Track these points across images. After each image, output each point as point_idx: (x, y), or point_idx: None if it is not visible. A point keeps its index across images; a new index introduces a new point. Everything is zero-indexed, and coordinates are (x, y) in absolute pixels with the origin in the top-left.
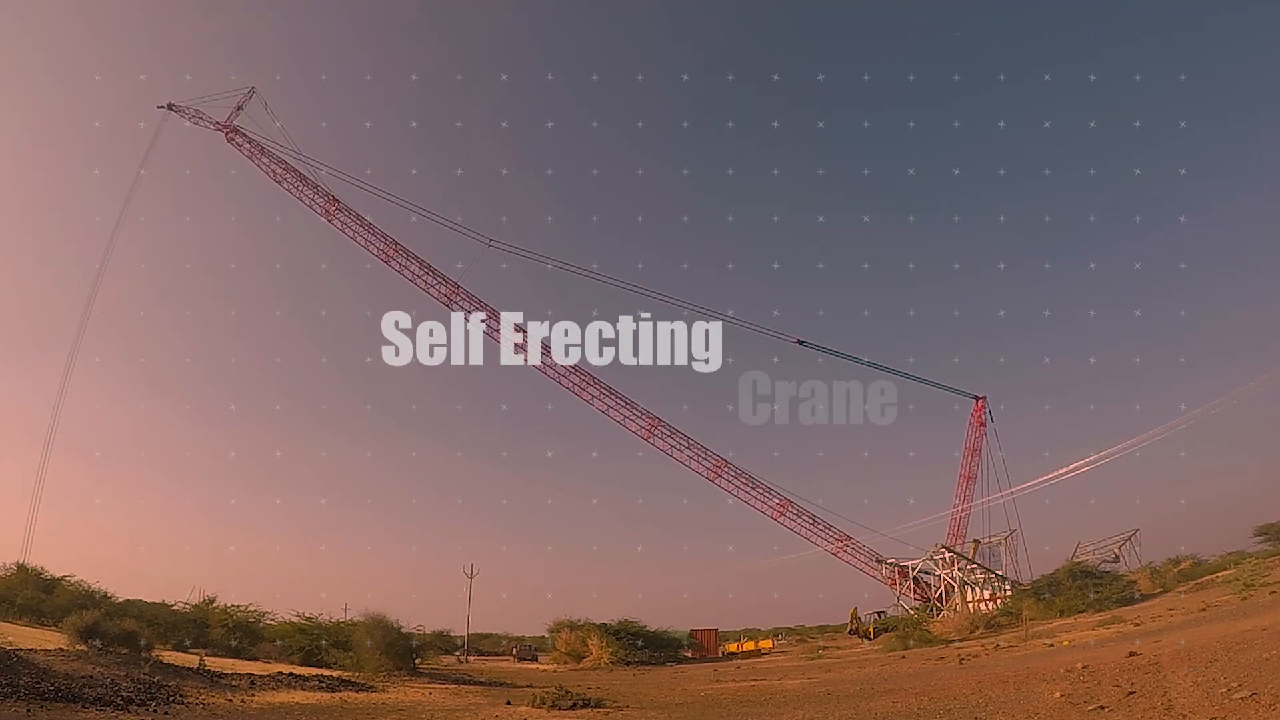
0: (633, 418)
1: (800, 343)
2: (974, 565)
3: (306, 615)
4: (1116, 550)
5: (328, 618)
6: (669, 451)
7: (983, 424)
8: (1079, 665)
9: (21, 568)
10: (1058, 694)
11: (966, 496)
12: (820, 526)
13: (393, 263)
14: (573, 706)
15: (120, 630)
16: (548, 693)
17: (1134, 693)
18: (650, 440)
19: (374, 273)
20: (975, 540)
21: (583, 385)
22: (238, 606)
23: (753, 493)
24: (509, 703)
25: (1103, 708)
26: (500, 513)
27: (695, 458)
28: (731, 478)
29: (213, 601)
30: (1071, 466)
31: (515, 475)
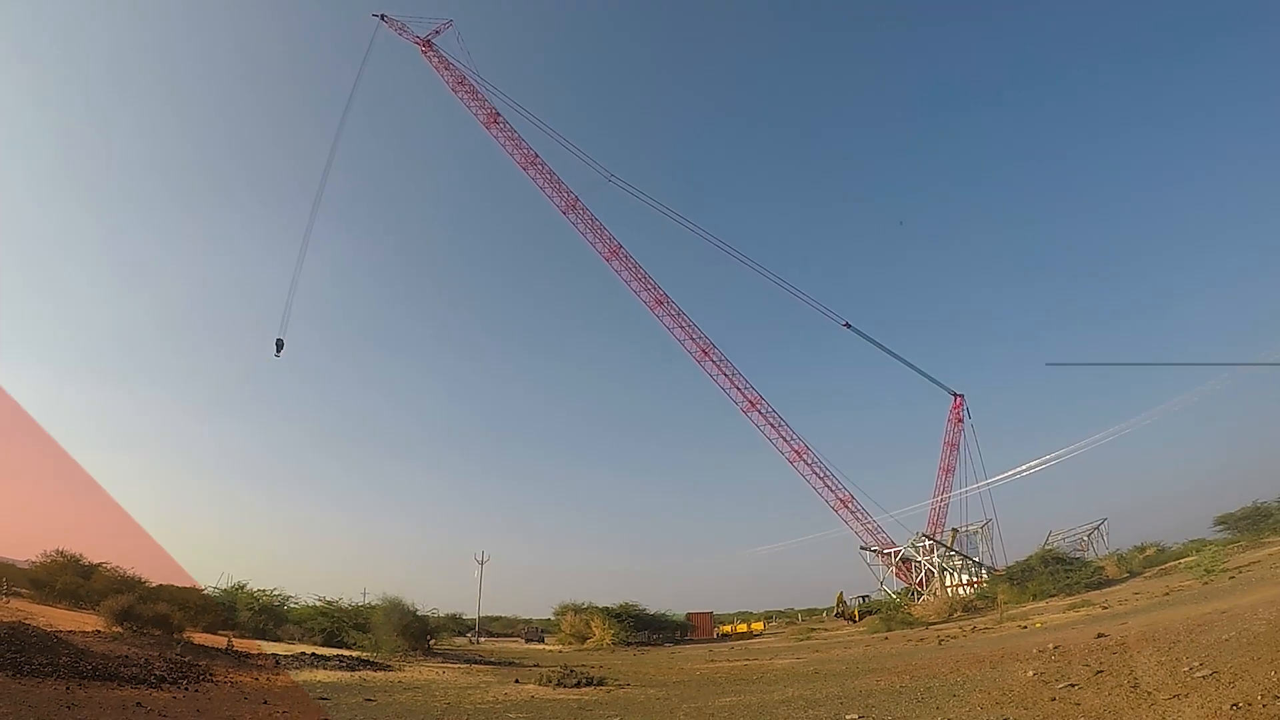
0: (690, 339)
1: (848, 325)
2: (952, 552)
3: (328, 599)
4: (1086, 538)
5: (348, 601)
6: (715, 377)
7: (961, 420)
8: (1050, 646)
9: (61, 554)
10: (1030, 673)
11: (945, 488)
12: (830, 482)
13: (529, 170)
14: (577, 684)
15: (153, 613)
16: (554, 672)
17: (1102, 671)
18: (702, 363)
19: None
20: (954, 529)
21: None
22: (263, 591)
23: (778, 432)
24: (518, 681)
25: (1073, 685)
26: (497, 518)
27: (737, 387)
28: (764, 413)
29: (242, 586)
30: (1044, 459)
31: (516, 484)
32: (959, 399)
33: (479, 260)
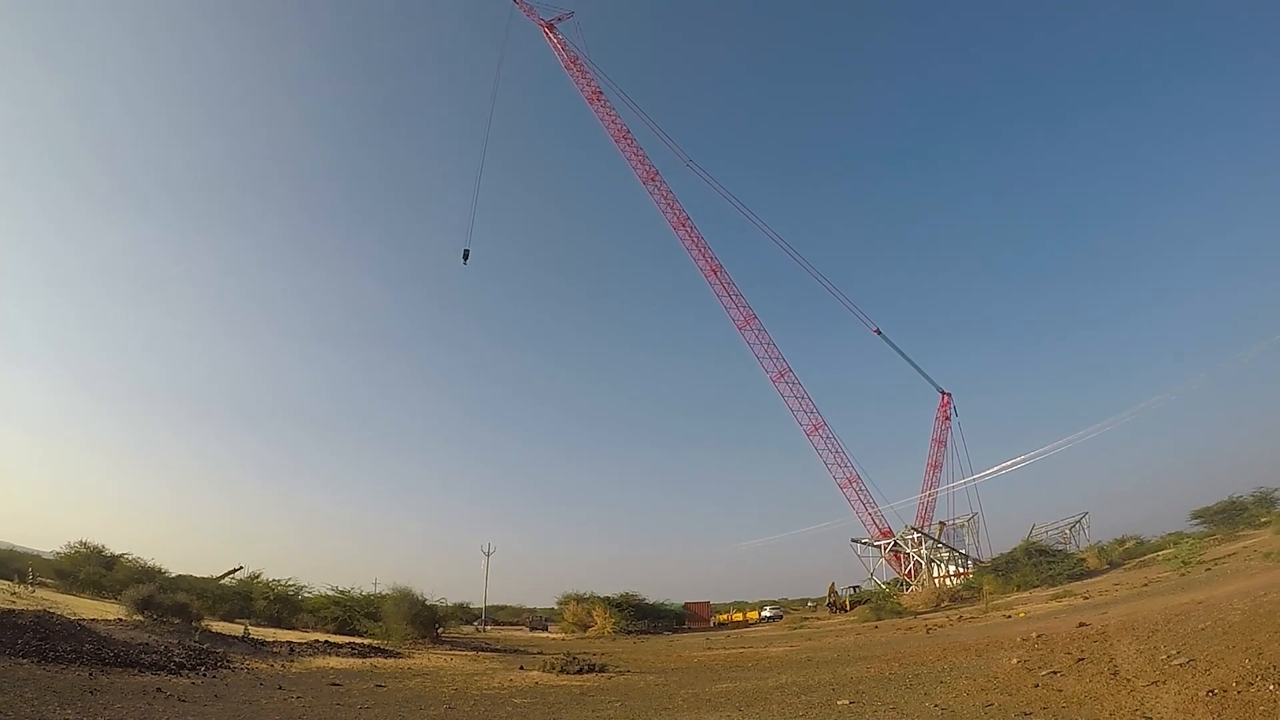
0: (735, 307)
1: (878, 332)
2: (940, 545)
3: (340, 589)
4: (1068, 531)
5: (359, 591)
6: (752, 345)
7: (948, 418)
8: (1034, 634)
9: (84, 545)
10: (1015, 660)
11: (933, 483)
12: (842, 458)
13: (620, 143)
14: (579, 671)
15: (173, 602)
16: (557, 659)
17: (1083, 659)
18: (743, 330)
19: None
20: (941, 522)
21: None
22: (278, 580)
23: (800, 403)
24: (522, 668)
25: (1055, 672)
26: (503, 512)
27: (771, 357)
28: (790, 384)
29: (257, 576)
30: (1028, 456)
31: (522, 480)
32: (946, 397)
33: (483, 266)
